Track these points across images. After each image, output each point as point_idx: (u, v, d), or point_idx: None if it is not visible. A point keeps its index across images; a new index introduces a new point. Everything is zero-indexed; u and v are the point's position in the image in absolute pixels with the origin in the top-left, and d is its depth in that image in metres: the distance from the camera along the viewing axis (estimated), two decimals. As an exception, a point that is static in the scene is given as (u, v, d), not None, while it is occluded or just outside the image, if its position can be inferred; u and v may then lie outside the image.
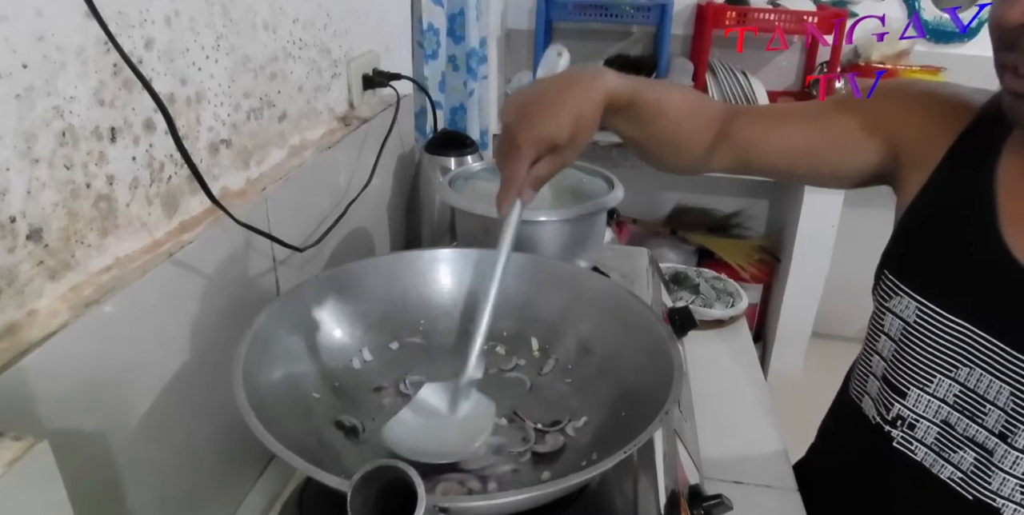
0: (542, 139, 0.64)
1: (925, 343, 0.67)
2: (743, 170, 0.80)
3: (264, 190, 0.75)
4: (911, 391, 0.69)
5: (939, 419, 0.68)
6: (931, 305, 0.66)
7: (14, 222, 0.47)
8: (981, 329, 0.63)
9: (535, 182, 0.66)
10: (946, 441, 0.68)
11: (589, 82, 0.66)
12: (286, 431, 0.51)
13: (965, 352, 0.64)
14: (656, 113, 0.72)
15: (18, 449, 0.35)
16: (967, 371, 0.65)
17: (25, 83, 0.47)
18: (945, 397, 0.67)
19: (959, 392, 0.66)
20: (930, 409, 0.68)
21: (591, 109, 0.65)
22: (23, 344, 0.47)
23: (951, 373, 0.66)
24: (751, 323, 2.35)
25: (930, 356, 0.67)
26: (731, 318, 1.22)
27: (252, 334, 0.60)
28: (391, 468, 0.41)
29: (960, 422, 0.66)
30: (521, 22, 2.30)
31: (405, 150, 1.18)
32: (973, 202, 0.65)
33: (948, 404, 0.67)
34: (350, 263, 0.74)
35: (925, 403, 0.68)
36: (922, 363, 0.68)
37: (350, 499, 0.41)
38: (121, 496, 0.56)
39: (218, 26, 0.68)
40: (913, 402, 0.69)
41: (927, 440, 0.69)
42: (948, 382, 0.66)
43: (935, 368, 0.67)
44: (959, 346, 0.65)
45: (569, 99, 0.64)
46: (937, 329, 0.66)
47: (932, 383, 0.67)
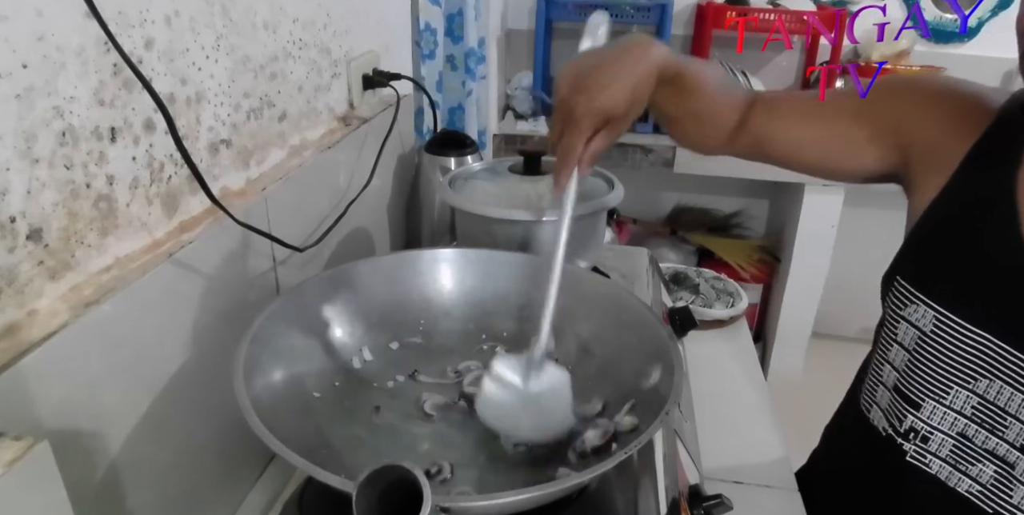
0: (601, 111, 0.63)
1: (941, 353, 0.64)
2: (760, 157, 0.79)
3: (264, 190, 0.75)
4: (926, 403, 0.66)
5: (955, 432, 0.65)
6: (949, 314, 0.63)
7: (14, 222, 0.47)
8: (1001, 339, 0.61)
9: (592, 157, 0.66)
10: (963, 454, 0.65)
11: (643, 52, 0.65)
12: (286, 431, 0.51)
13: (984, 363, 0.62)
14: (696, 86, 0.71)
15: (18, 449, 0.35)
16: (986, 383, 0.62)
17: (25, 83, 0.47)
18: (962, 409, 0.64)
19: (977, 404, 0.63)
20: (946, 421, 0.66)
21: (646, 80, 0.65)
22: (23, 344, 0.47)
23: (969, 385, 0.63)
24: (751, 323, 2.35)
25: (947, 367, 0.64)
26: (731, 318, 1.22)
27: (252, 334, 0.60)
28: (395, 468, 0.41)
29: (979, 435, 0.64)
30: (521, 22, 2.30)
31: (405, 150, 1.18)
32: (993, 206, 0.62)
33: (965, 416, 0.64)
34: (350, 263, 0.74)
35: (941, 415, 0.66)
36: (938, 374, 0.65)
37: (355, 499, 0.41)
38: (121, 496, 0.56)
39: (218, 26, 0.68)
40: (928, 414, 0.66)
41: (941, 453, 0.67)
42: (966, 394, 0.64)
43: (952, 379, 0.64)
44: (978, 357, 0.62)
45: (625, 70, 0.63)
46: (955, 339, 0.63)
47: (949, 395, 0.65)
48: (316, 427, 0.62)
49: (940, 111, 0.68)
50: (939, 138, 0.66)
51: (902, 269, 0.69)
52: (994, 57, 2.18)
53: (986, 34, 2.23)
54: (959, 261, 0.64)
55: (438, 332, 0.76)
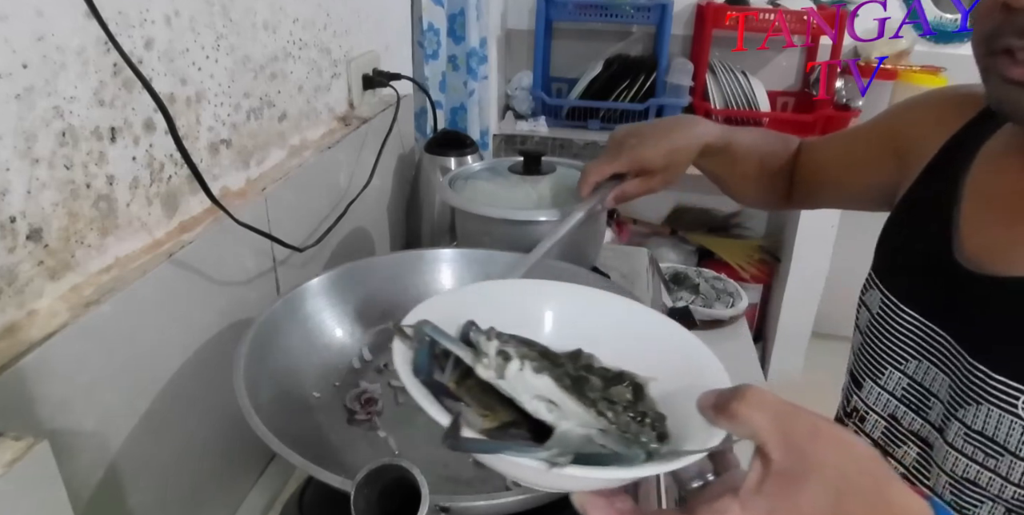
0: (637, 158, 0.79)
1: (883, 335, 0.68)
2: (812, 201, 0.88)
3: (264, 190, 0.75)
4: (866, 383, 0.70)
5: (887, 413, 0.68)
6: (892, 297, 0.67)
7: (14, 222, 0.47)
8: (930, 321, 0.63)
9: (619, 194, 0.81)
10: (891, 435, 0.68)
11: (690, 127, 0.80)
12: (286, 431, 0.51)
13: (916, 345, 0.65)
14: (747, 153, 0.83)
15: (18, 449, 0.35)
16: (915, 364, 0.65)
17: (25, 83, 0.47)
18: (894, 390, 0.67)
19: (907, 385, 0.66)
20: (879, 402, 0.69)
21: (688, 150, 0.80)
22: (23, 344, 0.47)
23: (901, 365, 0.66)
24: (751, 323, 2.35)
25: (885, 348, 0.68)
26: (731, 318, 1.22)
27: (252, 334, 0.60)
28: (394, 467, 0.41)
29: (906, 416, 0.67)
30: (521, 22, 2.29)
31: (405, 150, 1.18)
32: (940, 201, 0.64)
33: (896, 397, 0.67)
34: (350, 263, 0.74)
35: (876, 395, 0.69)
36: (878, 355, 0.68)
37: (353, 498, 0.41)
38: (121, 496, 0.56)
39: (218, 26, 0.68)
40: (866, 394, 0.70)
41: (875, 434, 0.70)
42: (898, 375, 0.67)
43: (888, 360, 0.67)
44: (911, 339, 0.65)
45: (671, 136, 0.79)
46: (894, 321, 0.67)
47: (883, 375, 0.68)
48: (316, 427, 0.62)
49: (933, 108, 0.71)
50: (925, 133, 0.69)
51: (874, 259, 0.73)
52: (994, 57, 2.18)
53: (986, 34, 2.23)
54: (905, 251, 0.68)
55: (438, 332, 0.76)
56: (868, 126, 0.79)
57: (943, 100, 0.71)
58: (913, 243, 0.67)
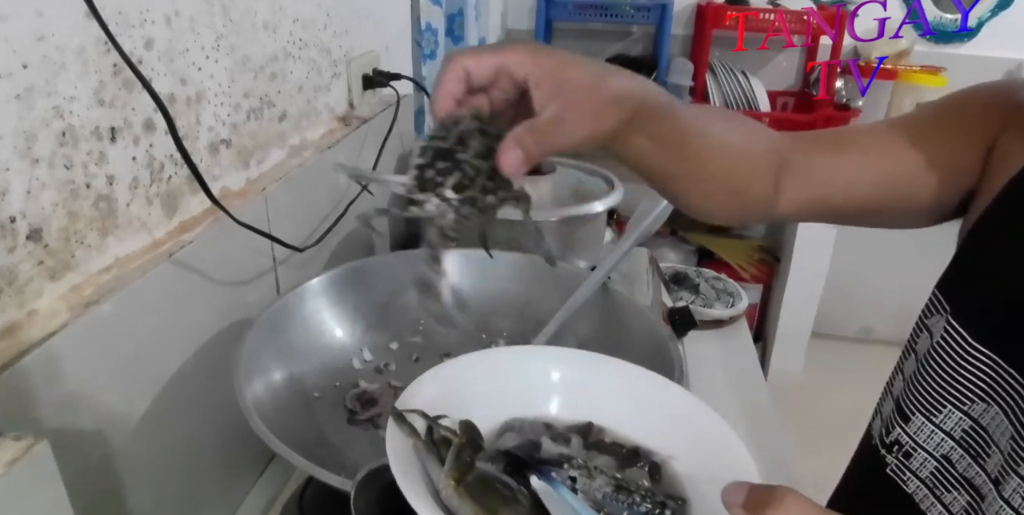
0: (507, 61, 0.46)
1: (946, 369, 0.59)
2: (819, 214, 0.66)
3: (264, 190, 0.75)
4: (915, 417, 0.61)
5: (940, 453, 0.60)
6: (958, 327, 0.58)
7: (14, 222, 0.47)
8: (1008, 362, 0.55)
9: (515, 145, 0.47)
10: (942, 478, 0.61)
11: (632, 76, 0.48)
12: (287, 431, 0.51)
13: (987, 386, 0.57)
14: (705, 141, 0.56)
15: (18, 449, 0.35)
16: (983, 407, 0.57)
17: (25, 83, 0.47)
18: (952, 431, 0.59)
19: (969, 428, 0.58)
20: (932, 440, 0.61)
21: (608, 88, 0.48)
22: (23, 344, 0.47)
23: (964, 406, 0.58)
24: (751, 323, 2.35)
25: (945, 383, 0.59)
26: (731, 318, 1.22)
27: (252, 334, 0.60)
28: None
29: (962, 460, 0.59)
30: (521, 22, 2.29)
31: (405, 150, 1.18)
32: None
33: (954, 438, 0.59)
34: (350, 263, 0.74)
35: (928, 433, 0.61)
36: (935, 389, 0.60)
37: (353, 499, 0.41)
38: (121, 496, 0.56)
39: (218, 26, 0.68)
40: (916, 430, 0.62)
41: (922, 473, 0.62)
42: (959, 415, 0.59)
43: (947, 397, 0.59)
44: (979, 378, 0.57)
45: (592, 65, 0.47)
46: (959, 354, 0.58)
47: (941, 414, 0.60)
48: (316, 427, 0.62)
49: (1012, 109, 0.59)
50: (1009, 137, 0.58)
51: (943, 277, 0.63)
52: (994, 57, 2.18)
53: (986, 34, 2.23)
54: (987, 275, 0.59)
55: (438, 332, 0.76)
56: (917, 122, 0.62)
57: None
58: (1003, 271, 0.57)
